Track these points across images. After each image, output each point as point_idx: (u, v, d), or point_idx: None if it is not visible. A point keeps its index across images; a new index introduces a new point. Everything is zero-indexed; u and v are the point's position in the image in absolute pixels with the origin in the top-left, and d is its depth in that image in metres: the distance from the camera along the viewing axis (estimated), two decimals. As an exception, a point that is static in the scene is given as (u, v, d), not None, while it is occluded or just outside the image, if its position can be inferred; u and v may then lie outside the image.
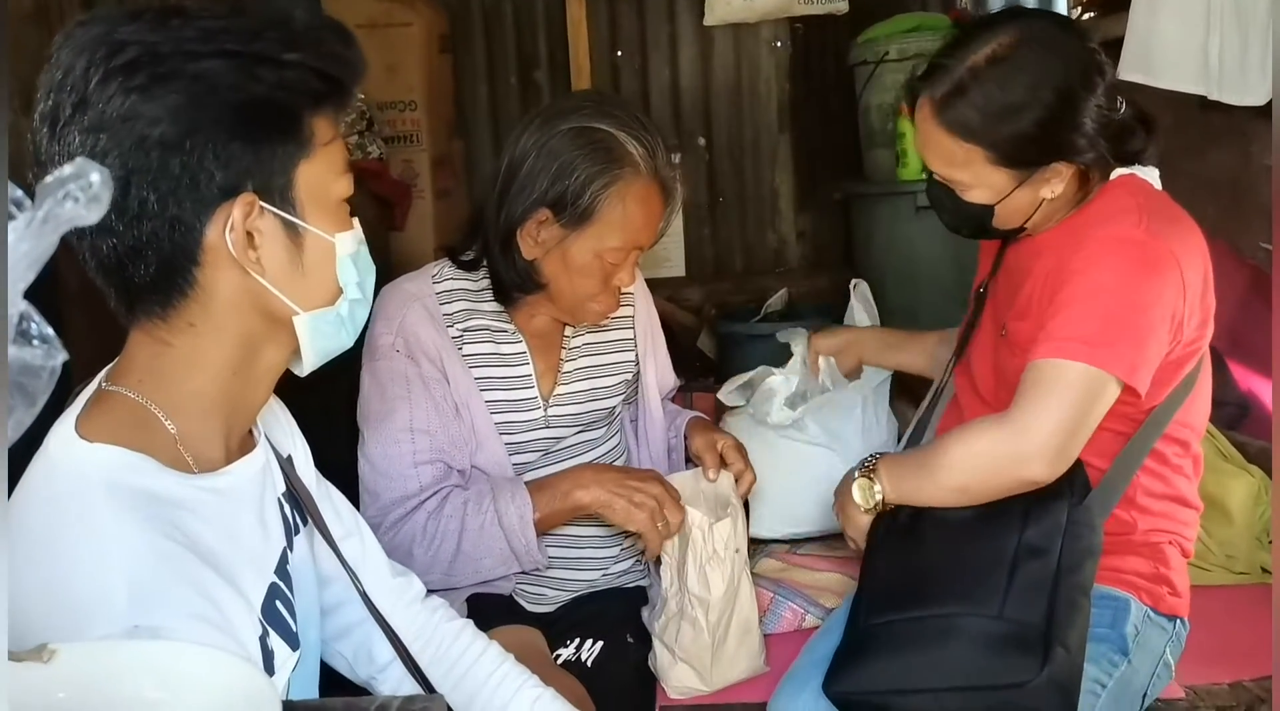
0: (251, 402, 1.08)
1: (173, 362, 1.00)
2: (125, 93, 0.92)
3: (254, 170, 0.97)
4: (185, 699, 0.66)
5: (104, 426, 0.97)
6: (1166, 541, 1.60)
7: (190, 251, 0.96)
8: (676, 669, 1.73)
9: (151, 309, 0.99)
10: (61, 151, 0.93)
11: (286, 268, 1.00)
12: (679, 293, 3.95)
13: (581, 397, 1.83)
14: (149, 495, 0.94)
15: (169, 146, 0.93)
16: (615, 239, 1.64)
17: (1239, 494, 2.06)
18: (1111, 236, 1.48)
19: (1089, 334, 1.45)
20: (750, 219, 4.23)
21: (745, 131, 4.17)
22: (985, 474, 1.52)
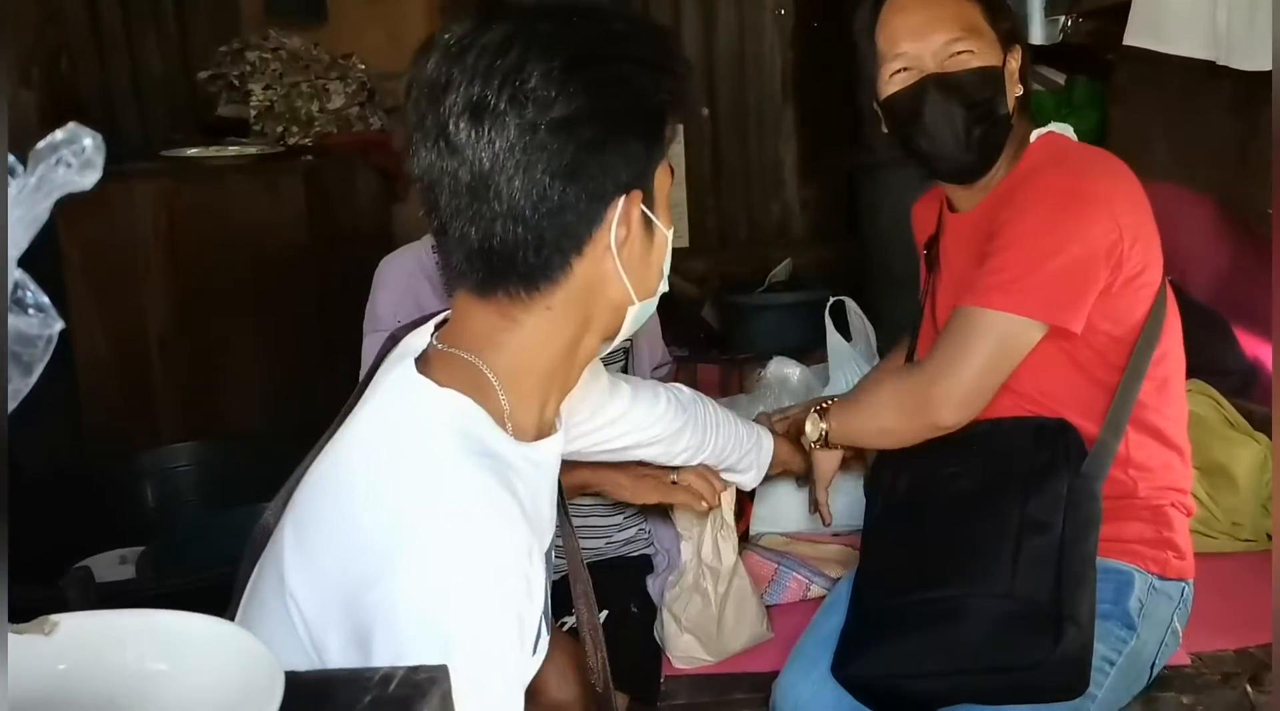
0: (568, 384, 1.12)
1: (518, 337, 1.03)
2: (567, 95, 0.95)
3: (641, 168, 1.02)
4: (187, 669, 0.66)
5: (449, 377, 1.01)
6: (1169, 503, 1.59)
7: (580, 242, 1.00)
8: (683, 639, 1.74)
9: (515, 290, 1.01)
10: (491, 139, 0.96)
11: (639, 259, 1.05)
12: (683, 264, 3.94)
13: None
14: (489, 449, 0.98)
15: (595, 146, 0.97)
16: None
17: (1245, 461, 2.06)
18: (1036, 185, 1.51)
19: (1008, 280, 1.47)
20: (754, 189, 4.21)
21: (749, 101, 4.15)
22: (901, 417, 1.56)
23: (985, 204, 1.61)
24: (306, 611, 0.94)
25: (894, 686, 1.50)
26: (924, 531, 1.55)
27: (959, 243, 1.66)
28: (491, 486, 0.95)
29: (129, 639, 0.69)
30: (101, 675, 0.66)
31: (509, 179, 0.96)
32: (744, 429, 1.70)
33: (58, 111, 2.79)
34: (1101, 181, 1.51)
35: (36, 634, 0.68)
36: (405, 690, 0.68)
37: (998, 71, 1.56)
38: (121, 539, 2.19)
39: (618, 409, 1.47)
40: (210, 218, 2.60)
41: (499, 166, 0.96)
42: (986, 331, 1.48)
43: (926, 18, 1.57)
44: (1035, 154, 1.59)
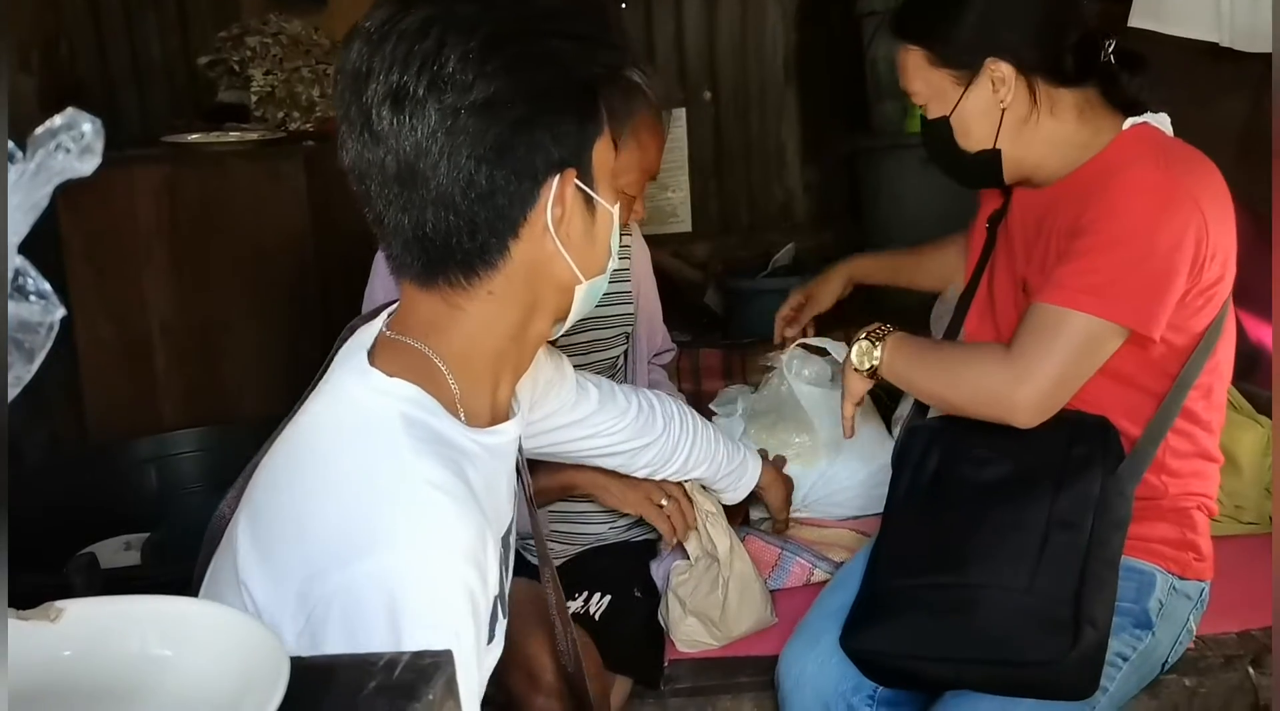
0: (519, 368, 1.12)
1: (462, 324, 1.03)
2: (486, 77, 0.94)
3: (574, 146, 1.01)
4: (192, 655, 0.66)
5: (398, 365, 1.01)
6: (1194, 505, 1.58)
7: (515, 225, 1.00)
8: (686, 623, 1.74)
9: (454, 277, 1.01)
10: (413, 128, 0.95)
11: (582, 238, 1.04)
12: (685, 248, 3.93)
13: (584, 349, 1.84)
14: (438, 435, 0.98)
15: (522, 126, 0.96)
16: (633, 171, 1.68)
17: (1248, 444, 2.05)
18: (1129, 181, 1.46)
19: (1100, 283, 1.43)
20: (756, 173, 4.19)
21: (751, 84, 4.12)
22: (970, 397, 1.53)
23: (1064, 186, 1.56)
24: (261, 603, 0.94)
25: (901, 665, 1.50)
26: (948, 514, 1.54)
27: (1026, 217, 1.63)
28: (441, 472, 0.95)
29: (134, 625, 0.69)
30: (106, 661, 0.66)
31: (434, 166, 0.96)
32: (727, 451, 1.71)
33: (57, 97, 2.78)
34: (1194, 181, 1.47)
35: (42, 620, 0.68)
36: (410, 675, 0.68)
37: (938, 123, 1.57)
38: (125, 525, 2.20)
39: (583, 411, 1.47)
40: (211, 203, 2.59)
41: (423, 154, 0.95)
42: (1073, 334, 1.44)
43: (899, 69, 1.60)
44: (1128, 146, 1.53)
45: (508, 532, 1.11)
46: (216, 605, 0.71)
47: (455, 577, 0.91)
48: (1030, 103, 1.53)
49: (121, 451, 2.39)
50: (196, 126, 2.95)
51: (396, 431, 0.96)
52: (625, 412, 1.52)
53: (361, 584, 0.89)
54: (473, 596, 0.93)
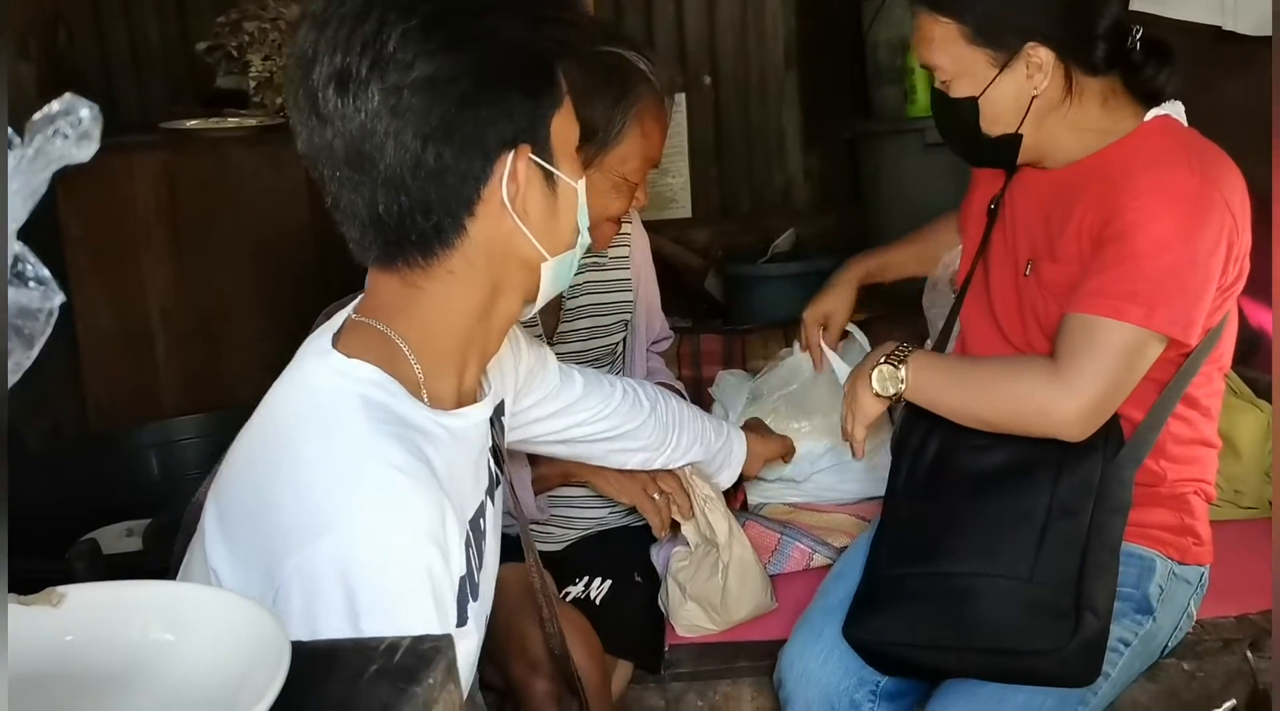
0: (487, 349, 1.11)
1: (424, 305, 1.03)
2: (428, 54, 0.94)
3: (529, 122, 1.00)
4: (193, 640, 0.66)
5: (359, 348, 1.02)
6: (1192, 491, 1.58)
7: (470, 203, 1.00)
8: (686, 607, 1.75)
9: (413, 258, 1.01)
10: (357, 109, 0.95)
11: (544, 215, 1.04)
12: (685, 234, 3.92)
13: (585, 335, 1.84)
14: (398, 416, 0.98)
15: (467, 103, 0.96)
16: (636, 158, 1.67)
17: (1248, 429, 2.05)
18: (1167, 186, 1.43)
19: (1145, 293, 1.40)
20: (757, 158, 4.18)
21: (751, 69, 4.11)
22: (1014, 415, 1.48)
23: (1077, 169, 1.54)
24: (228, 587, 0.94)
25: (903, 653, 1.50)
26: (949, 503, 1.53)
27: (1032, 201, 1.60)
28: (400, 452, 0.95)
29: (135, 610, 0.69)
30: (108, 646, 0.67)
31: (381, 146, 0.95)
32: (711, 429, 1.70)
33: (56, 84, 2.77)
34: (1225, 186, 1.45)
35: (44, 606, 0.68)
36: (410, 659, 0.68)
37: (971, 103, 1.51)
38: (127, 511, 2.20)
39: (569, 397, 1.46)
40: (210, 189, 2.59)
41: (369, 135, 0.95)
42: (1120, 345, 1.42)
43: (918, 40, 1.54)
44: (1154, 138, 1.50)
45: (477, 516, 1.10)
46: (218, 590, 0.71)
47: (413, 556, 0.92)
48: (1065, 90, 1.49)
49: (123, 438, 2.40)
50: (195, 112, 2.94)
51: (355, 412, 0.96)
52: (611, 397, 1.52)
53: (318, 563, 0.89)
54: (432, 575, 0.93)
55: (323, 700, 0.64)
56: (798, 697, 1.57)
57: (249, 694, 0.58)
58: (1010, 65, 1.47)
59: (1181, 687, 1.66)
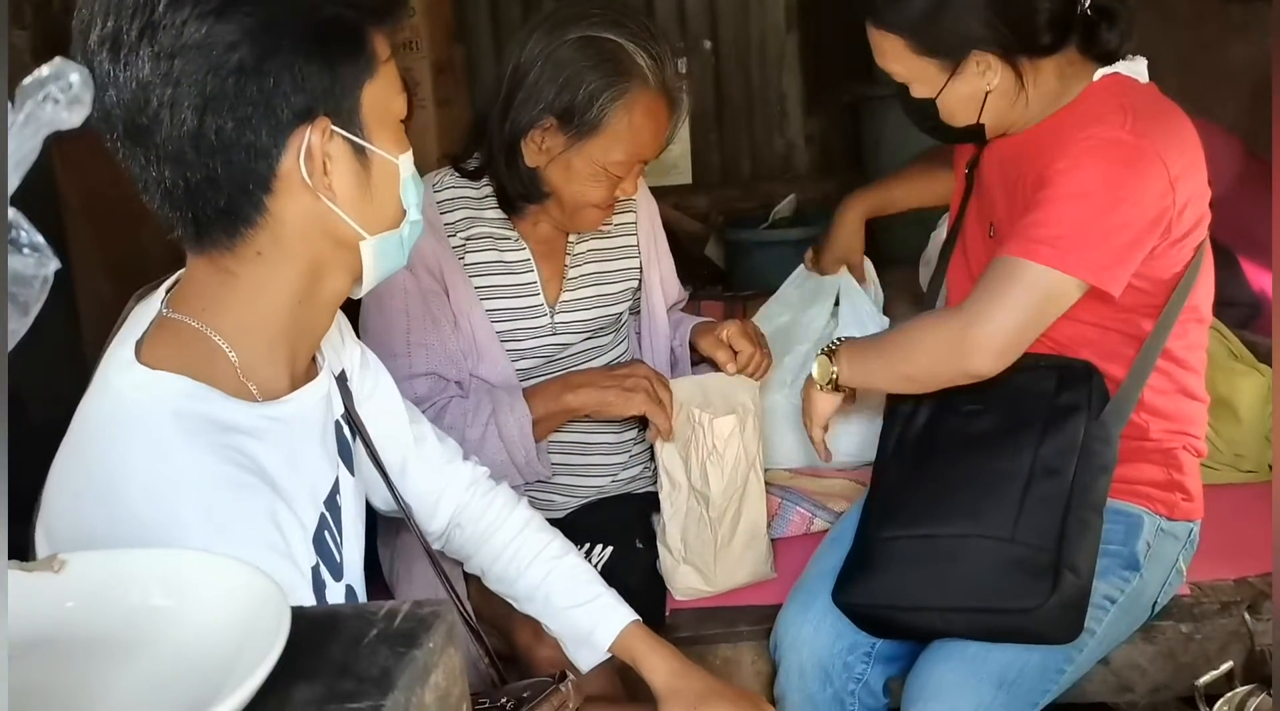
0: (315, 330, 1.06)
1: (237, 291, 0.98)
2: (200, 18, 0.87)
3: (328, 92, 0.93)
4: (193, 605, 0.67)
5: (166, 354, 0.95)
6: (1180, 445, 1.59)
7: (264, 179, 0.93)
8: (680, 570, 1.76)
9: (218, 238, 0.96)
10: (129, 77, 0.89)
11: (355, 191, 0.98)
12: (686, 200, 3.91)
13: (588, 304, 1.83)
14: (215, 422, 0.93)
15: (247, 72, 0.89)
16: (621, 151, 1.63)
17: (1248, 393, 2.05)
18: (1095, 137, 1.46)
19: (1058, 236, 1.44)
20: (758, 124, 4.16)
21: (752, 32, 4.08)
22: (931, 361, 1.54)
23: (1031, 134, 1.57)
24: None
25: (890, 616, 1.52)
26: (936, 467, 1.56)
27: (994, 166, 1.65)
28: (217, 466, 0.91)
29: (136, 576, 0.69)
30: (108, 611, 0.67)
31: (155, 117, 0.90)
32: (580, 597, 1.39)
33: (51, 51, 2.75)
34: (1161, 140, 1.47)
35: (46, 572, 0.68)
36: (410, 623, 0.69)
37: (924, 104, 1.56)
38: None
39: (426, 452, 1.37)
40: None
41: (144, 105, 0.89)
42: (1030, 285, 1.46)
43: (874, 49, 1.57)
44: (1096, 97, 1.53)
45: (333, 493, 1.06)
46: (218, 556, 0.71)
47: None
48: (1017, 82, 1.52)
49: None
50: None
51: (166, 431, 0.91)
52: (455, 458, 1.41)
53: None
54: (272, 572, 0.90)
55: (323, 664, 0.64)
56: (791, 661, 1.59)
57: (249, 658, 0.59)
58: (959, 71, 1.52)
59: (1179, 650, 1.67)
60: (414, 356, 1.68)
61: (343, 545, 1.07)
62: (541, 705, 1.22)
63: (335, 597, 1.01)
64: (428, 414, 1.65)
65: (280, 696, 0.61)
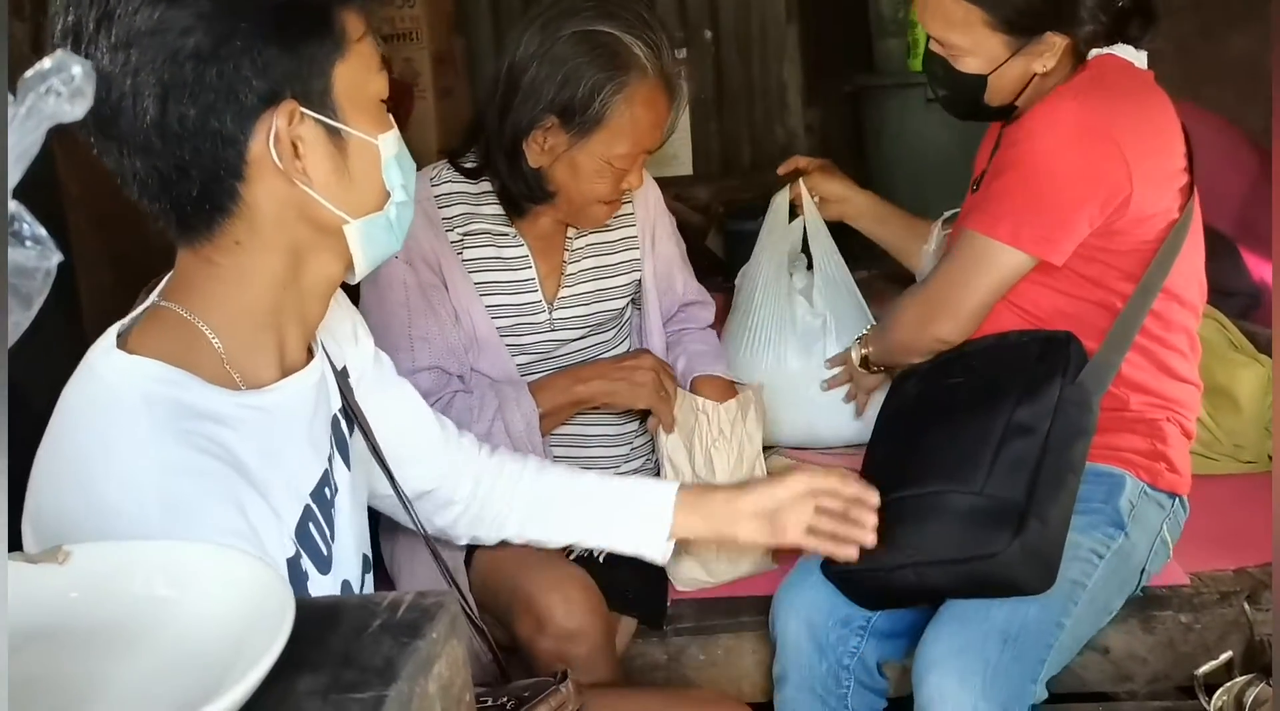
0: (306, 317, 1.05)
1: (220, 280, 0.97)
2: (152, 4, 0.87)
3: (293, 75, 0.92)
4: (197, 596, 0.67)
5: (148, 341, 0.95)
6: (1164, 418, 1.62)
7: (234, 166, 0.92)
8: (682, 561, 1.76)
9: (198, 228, 0.96)
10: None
11: (332, 175, 0.96)
12: (686, 191, 3.90)
13: (588, 299, 1.82)
14: (188, 409, 0.92)
15: (204, 57, 0.88)
16: (624, 144, 1.62)
17: (1248, 383, 2.06)
18: (1046, 117, 1.54)
19: (1005, 210, 1.54)
20: (758, 113, 4.16)
21: (752, 22, 4.07)
22: (910, 330, 1.71)
23: (1032, 113, 1.60)
24: None
25: (873, 580, 1.53)
26: (918, 434, 1.60)
27: (1000, 153, 1.68)
28: (183, 453, 0.90)
29: (139, 567, 0.70)
30: (112, 602, 0.67)
31: (118, 107, 0.89)
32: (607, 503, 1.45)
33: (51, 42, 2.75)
34: (1120, 116, 1.50)
35: (50, 563, 0.69)
36: (413, 614, 0.69)
37: (979, 80, 1.57)
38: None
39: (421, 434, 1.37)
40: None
41: (105, 96, 0.88)
42: (981, 254, 1.58)
43: (932, 14, 1.59)
44: (1081, 76, 1.59)
45: (320, 485, 1.05)
46: (221, 547, 0.72)
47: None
48: (1068, 67, 1.57)
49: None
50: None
51: (137, 415, 0.90)
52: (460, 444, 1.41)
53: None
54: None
55: (326, 654, 0.65)
56: (788, 631, 1.60)
57: (253, 648, 0.59)
58: (1024, 49, 1.54)
59: (1178, 639, 1.67)
60: (416, 350, 1.68)
61: (334, 539, 1.05)
62: (541, 705, 1.21)
63: (320, 590, 1.00)
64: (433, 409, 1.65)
65: (284, 686, 0.61)
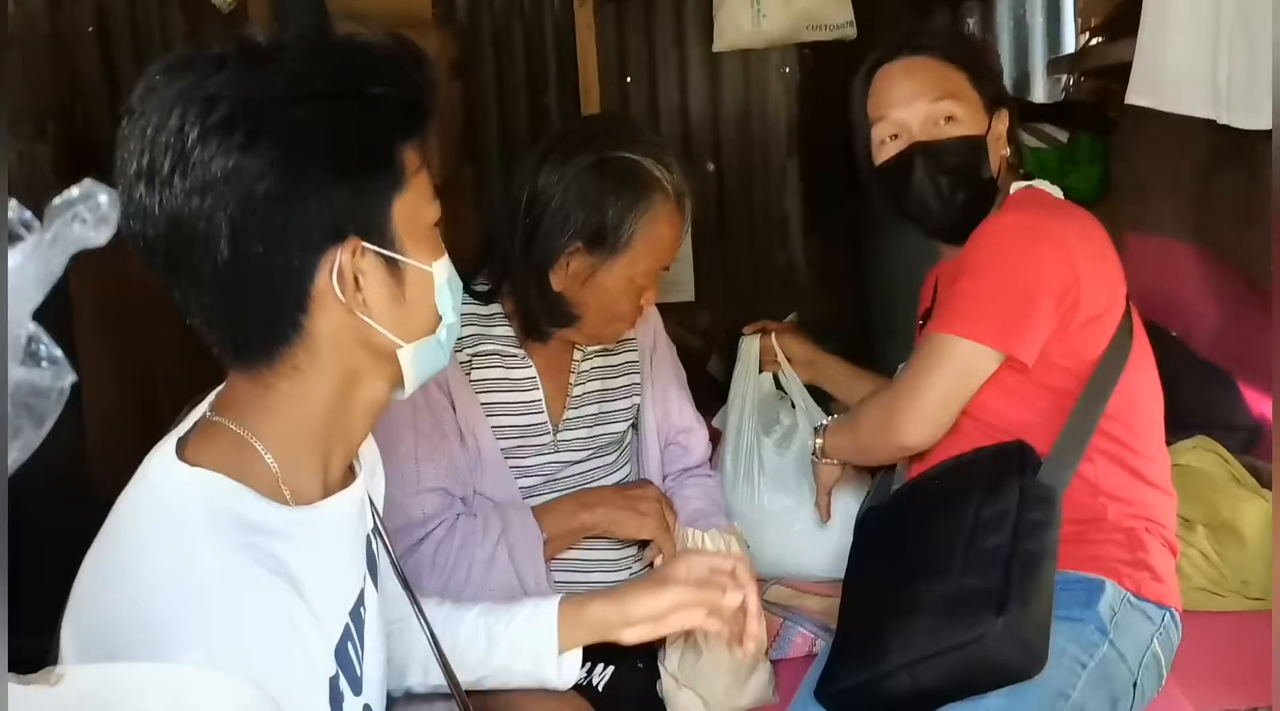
0: (353, 437, 1.07)
1: (276, 402, 1.00)
2: (226, 152, 0.91)
3: (356, 211, 0.96)
4: (190, 721, 0.66)
5: (206, 453, 0.97)
6: (1143, 527, 1.60)
7: (299, 300, 0.96)
8: (681, 695, 1.72)
9: (256, 356, 0.99)
10: (164, 208, 0.92)
11: (389, 303, 1.00)
12: (689, 317, 3.95)
13: (591, 421, 1.83)
14: (247, 522, 0.94)
15: (275, 199, 0.92)
16: (647, 262, 1.67)
17: (1253, 517, 2.04)
18: (994, 226, 1.61)
19: (968, 310, 1.57)
20: (759, 242, 4.23)
21: (754, 154, 4.18)
22: (873, 434, 1.69)
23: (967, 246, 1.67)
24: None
25: (870, 692, 1.49)
26: (890, 551, 1.60)
27: (943, 280, 1.73)
28: (242, 565, 0.91)
29: (132, 690, 0.69)
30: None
31: (189, 246, 0.93)
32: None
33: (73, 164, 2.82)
34: (1058, 223, 1.60)
35: (43, 685, 0.68)
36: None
37: (980, 141, 1.67)
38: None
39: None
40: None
41: (178, 235, 0.92)
42: (945, 355, 1.58)
43: (912, 86, 1.68)
44: (1010, 204, 1.67)
45: (357, 604, 1.06)
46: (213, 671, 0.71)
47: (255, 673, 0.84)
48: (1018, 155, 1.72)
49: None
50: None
51: (196, 525, 0.92)
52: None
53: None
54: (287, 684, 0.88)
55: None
56: None
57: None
58: (994, 119, 1.69)
59: (1190, 780, 1.62)
60: (422, 471, 1.68)
61: (364, 659, 1.05)
62: None
63: (353, 708, 1.00)
64: (436, 532, 1.64)
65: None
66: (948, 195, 1.67)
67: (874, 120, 1.72)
